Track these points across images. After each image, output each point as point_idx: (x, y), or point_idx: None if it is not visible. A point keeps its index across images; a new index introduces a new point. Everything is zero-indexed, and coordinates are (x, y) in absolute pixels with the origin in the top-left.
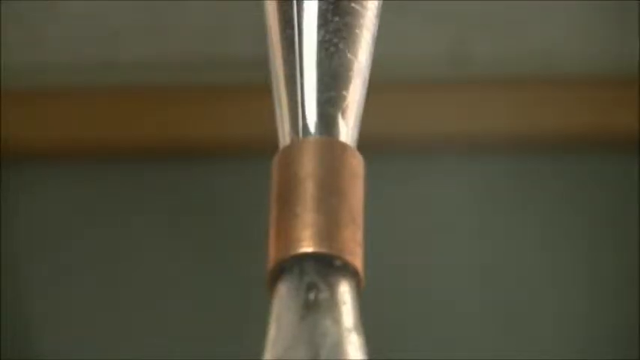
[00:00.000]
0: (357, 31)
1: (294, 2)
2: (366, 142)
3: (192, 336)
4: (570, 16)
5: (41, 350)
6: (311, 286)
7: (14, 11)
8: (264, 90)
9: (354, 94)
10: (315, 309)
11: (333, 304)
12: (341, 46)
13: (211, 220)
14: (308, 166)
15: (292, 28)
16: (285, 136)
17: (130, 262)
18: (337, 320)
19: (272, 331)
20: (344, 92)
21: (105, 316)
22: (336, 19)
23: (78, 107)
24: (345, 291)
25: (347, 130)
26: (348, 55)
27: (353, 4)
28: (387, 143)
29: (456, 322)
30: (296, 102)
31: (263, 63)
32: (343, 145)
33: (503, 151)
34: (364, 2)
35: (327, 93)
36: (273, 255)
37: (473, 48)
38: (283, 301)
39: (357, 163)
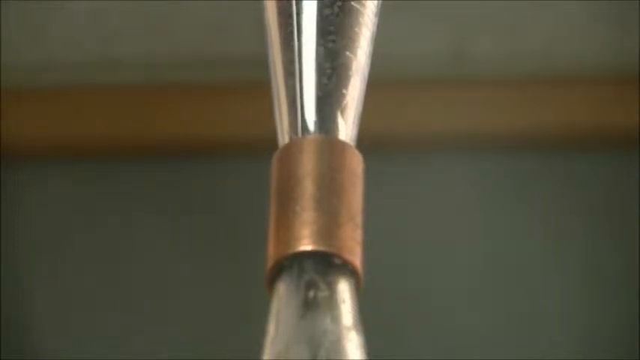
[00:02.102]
0: (356, 29)
1: (294, 1)
2: (365, 140)
3: (193, 336)
4: (570, 16)
5: (41, 350)
6: (310, 285)
7: (15, 10)
8: (264, 90)
9: (353, 93)
10: (315, 307)
11: (333, 303)
12: (340, 44)
13: (211, 220)
14: (307, 165)
15: (291, 26)
16: (284, 135)
17: (130, 261)
18: (336, 318)
19: (271, 330)
20: (343, 91)
21: (105, 316)
22: (335, 17)
23: (78, 107)
24: (344, 289)
25: (346, 128)
26: (347, 53)
27: (352, 3)
28: (387, 142)
29: (455, 321)
30: (295, 100)
31: (263, 62)
32: (342, 144)
33: (503, 149)
34: (363, 1)
35: (326, 91)
36: (272, 253)
37: (473, 47)
38: (282, 299)
39: (356, 162)
